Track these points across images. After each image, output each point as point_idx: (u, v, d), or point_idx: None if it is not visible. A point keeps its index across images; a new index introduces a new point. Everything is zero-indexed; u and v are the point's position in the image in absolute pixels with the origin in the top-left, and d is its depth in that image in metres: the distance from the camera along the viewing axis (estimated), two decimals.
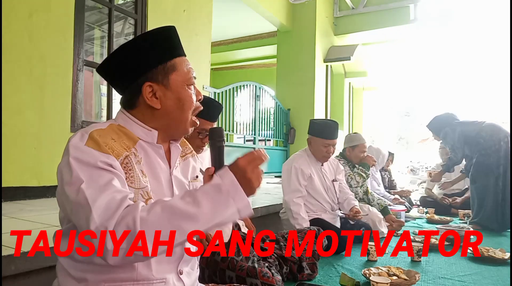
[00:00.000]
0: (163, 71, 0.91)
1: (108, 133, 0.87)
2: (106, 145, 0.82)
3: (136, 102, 0.93)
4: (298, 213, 2.44)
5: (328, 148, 2.60)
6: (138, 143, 0.92)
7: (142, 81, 0.90)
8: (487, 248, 2.44)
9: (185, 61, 0.96)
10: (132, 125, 0.93)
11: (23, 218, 1.94)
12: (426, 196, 4.95)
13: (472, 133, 3.60)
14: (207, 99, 1.79)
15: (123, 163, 0.84)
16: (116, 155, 0.83)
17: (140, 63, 0.91)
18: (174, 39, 0.95)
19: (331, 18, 7.48)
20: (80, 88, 3.00)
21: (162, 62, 0.91)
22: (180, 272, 0.94)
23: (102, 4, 3.38)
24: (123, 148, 0.87)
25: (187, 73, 0.94)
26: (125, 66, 0.92)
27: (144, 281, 0.86)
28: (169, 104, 0.92)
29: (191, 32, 4.20)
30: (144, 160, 0.91)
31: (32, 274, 1.33)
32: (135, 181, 0.85)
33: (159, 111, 0.92)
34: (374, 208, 3.16)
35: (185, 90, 0.94)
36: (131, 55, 0.91)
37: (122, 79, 0.94)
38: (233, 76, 9.89)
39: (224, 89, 5.09)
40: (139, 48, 0.91)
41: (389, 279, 1.70)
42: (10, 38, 2.50)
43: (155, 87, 0.91)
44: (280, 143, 6.59)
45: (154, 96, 0.91)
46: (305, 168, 2.58)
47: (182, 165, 1.03)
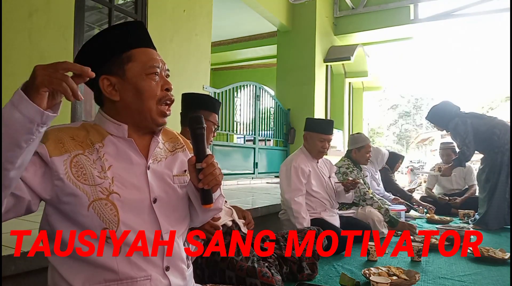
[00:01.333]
0: (118, 62, 0.92)
1: (71, 131, 0.90)
2: (57, 138, 0.86)
3: (102, 98, 0.95)
4: (299, 212, 2.45)
5: (323, 143, 2.65)
6: (108, 138, 0.93)
7: (98, 75, 0.90)
8: (487, 248, 2.44)
9: (146, 51, 0.95)
10: (105, 122, 0.95)
11: (23, 218, 1.93)
12: (426, 195, 4.96)
13: (483, 128, 3.44)
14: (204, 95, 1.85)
15: (72, 161, 0.86)
16: (64, 150, 0.86)
17: (95, 58, 0.92)
18: (131, 32, 0.95)
19: (331, 18, 7.47)
20: (80, 88, 2.99)
21: (116, 54, 0.92)
22: (166, 268, 0.93)
23: (102, 4, 3.38)
24: (80, 146, 0.89)
25: (146, 63, 0.93)
26: (82, 63, 0.91)
27: (127, 280, 0.86)
28: (128, 95, 0.92)
29: (191, 32, 4.20)
30: (112, 154, 0.92)
31: (32, 274, 1.33)
32: (88, 178, 0.86)
33: (119, 103, 0.93)
34: (373, 208, 3.16)
35: (144, 79, 0.92)
36: (87, 52, 0.94)
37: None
38: (233, 76, 9.89)
39: (224, 89, 5.08)
40: (94, 44, 0.94)
41: (389, 279, 1.70)
42: (10, 38, 2.50)
43: (112, 80, 0.92)
44: (280, 143, 6.59)
45: (114, 89, 0.92)
46: (304, 166, 2.61)
47: (170, 159, 1.03)
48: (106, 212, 0.86)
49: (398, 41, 7.95)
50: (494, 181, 3.45)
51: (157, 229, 0.92)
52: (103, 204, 0.86)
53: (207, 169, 0.90)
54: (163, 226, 0.93)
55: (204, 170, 0.90)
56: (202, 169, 0.91)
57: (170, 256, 0.94)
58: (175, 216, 0.98)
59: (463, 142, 3.48)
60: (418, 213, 4.42)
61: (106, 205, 0.86)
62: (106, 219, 0.85)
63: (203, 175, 0.90)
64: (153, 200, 0.93)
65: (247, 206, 2.81)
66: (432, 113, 3.71)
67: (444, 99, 3.90)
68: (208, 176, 0.90)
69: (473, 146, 3.45)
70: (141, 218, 0.91)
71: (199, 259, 1.68)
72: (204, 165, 0.90)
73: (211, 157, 0.92)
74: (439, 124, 3.70)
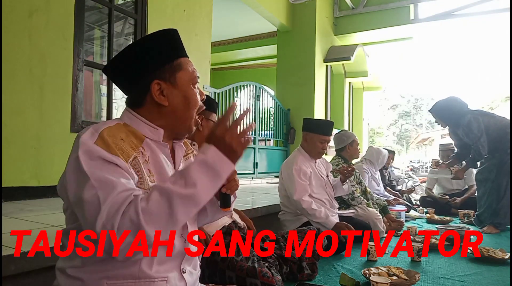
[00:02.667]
0: (170, 69, 0.94)
1: (118, 132, 0.88)
2: (116, 146, 0.83)
3: (143, 101, 0.95)
4: (311, 208, 2.42)
5: (324, 145, 2.64)
6: (145, 142, 0.93)
7: (150, 79, 0.93)
8: (487, 248, 2.44)
9: (189, 61, 1.00)
10: (139, 124, 0.94)
11: (23, 218, 1.94)
12: (426, 196, 4.96)
13: (494, 126, 3.27)
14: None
15: (132, 165, 0.85)
16: (126, 156, 0.84)
17: (149, 62, 0.93)
18: (178, 40, 0.98)
19: (331, 18, 7.48)
20: (80, 88, 3.00)
21: (169, 61, 0.95)
22: (183, 270, 0.94)
23: (102, 4, 3.38)
24: (132, 148, 0.88)
25: (192, 73, 0.98)
26: (133, 65, 0.94)
27: (146, 279, 0.86)
28: (176, 102, 0.95)
29: (191, 32, 4.20)
30: (151, 159, 0.92)
31: (32, 274, 1.33)
32: (144, 182, 0.87)
33: (166, 109, 0.95)
34: (373, 208, 3.16)
35: (191, 88, 0.97)
36: (139, 55, 0.94)
37: (130, 78, 0.96)
38: (233, 76, 9.89)
39: (224, 89, 5.08)
40: (147, 48, 0.94)
41: (389, 279, 1.70)
42: (10, 38, 2.50)
43: (162, 85, 0.94)
44: (280, 143, 6.59)
45: (162, 94, 0.94)
46: (305, 168, 2.60)
47: (185, 164, 1.04)
48: None
49: (398, 41, 7.95)
50: (504, 184, 3.31)
51: (178, 232, 0.94)
52: None
53: (231, 175, 0.92)
54: (183, 229, 0.95)
55: (228, 176, 0.92)
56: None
57: (187, 258, 0.96)
58: (191, 219, 1.01)
59: (478, 140, 3.26)
60: (418, 213, 4.42)
61: None
62: None
63: (227, 181, 0.93)
64: None
65: (247, 206, 2.81)
66: (440, 107, 3.45)
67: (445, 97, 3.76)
68: (231, 182, 0.94)
69: (487, 145, 3.26)
70: None
71: (199, 259, 1.68)
72: None
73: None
74: (447, 120, 3.43)
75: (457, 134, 3.55)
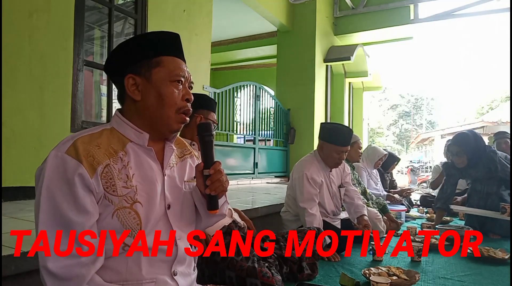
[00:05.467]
0: (147, 65, 0.94)
1: (96, 139, 0.89)
2: (87, 152, 0.85)
3: (124, 97, 0.97)
4: (311, 223, 2.34)
5: (341, 155, 2.51)
6: (129, 146, 0.93)
7: (126, 73, 0.93)
8: (487, 248, 2.44)
9: (176, 60, 0.97)
10: (125, 128, 0.95)
11: (23, 218, 1.94)
12: (426, 196, 4.95)
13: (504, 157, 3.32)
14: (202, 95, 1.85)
15: (103, 172, 0.86)
16: (97, 163, 0.85)
17: (126, 57, 0.95)
18: (166, 41, 0.97)
19: (331, 18, 7.47)
20: (80, 88, 3.00)
21: (147, 57, 0.94)
22: (174, 273, 0.93)
23: (102, 4, 3.38)
24: (106, 155, 0.88)
25: (173, 70, 0.95)
26: (115, 60, 0.97)
27: (133, 281, 0.87)
28: (149, 98, 0.94)
29: (191, 32, 4.20)
30: (134, 163, 0.92)
31: (32, 274, 1.33)
32: (117, 189, 0.86)
33: (139, 104, 0.94)
34: (373, 208, 3.16)
35: (167, 86, 0.94)
36: (122, 51, 0.96)
37: (112, 73, 0.98)
38: (233, 76, 9.88)
39: (224, 89, 5.08)
40: (129, 45, 0.96)
41: (389, 279, 1.70)
42: (10, 38, 2.50)
43: (137, 80, 0.94)
44: (280, 143, 6.59)
45: (137, 89, 0.94)
46: (316, 176, 2.49)
47: (180, 165, 1.04)
48: (129, 220, 0.87)
49: (398, 41, 7.95)
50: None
51: (169, 234, 0.94)
52: (126, 212, 0.87)
53: (214, 175, 0.92)
54: (175, 231, 0.95)
55: (211, 176, 0.92)
56: (210, 175, 0.92)
57: (179, 260, 0.95)
58: (185, 221, 1.00)
59: (505, 181, 3.27)
60: (418, 213, 4.42)
61: (129, 213, 0.87)
62: (129, 226, 0.87)
63: (210, 181, 0.92)
64: (167, 206, 0.95)
65: (247, 206, 2.81)
66: (466, 141, 3.38)
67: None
68: (215, 183, 0.92)
69: (500, 182, 3.32)
70: (157, 224, 0.92)
71: (199, 259, 1.68)
72: (212, 171, 0.92)
73: (219, 164, 0.94)
74: (470, 153, 3.36)
75: (477, 166, 3.43)
